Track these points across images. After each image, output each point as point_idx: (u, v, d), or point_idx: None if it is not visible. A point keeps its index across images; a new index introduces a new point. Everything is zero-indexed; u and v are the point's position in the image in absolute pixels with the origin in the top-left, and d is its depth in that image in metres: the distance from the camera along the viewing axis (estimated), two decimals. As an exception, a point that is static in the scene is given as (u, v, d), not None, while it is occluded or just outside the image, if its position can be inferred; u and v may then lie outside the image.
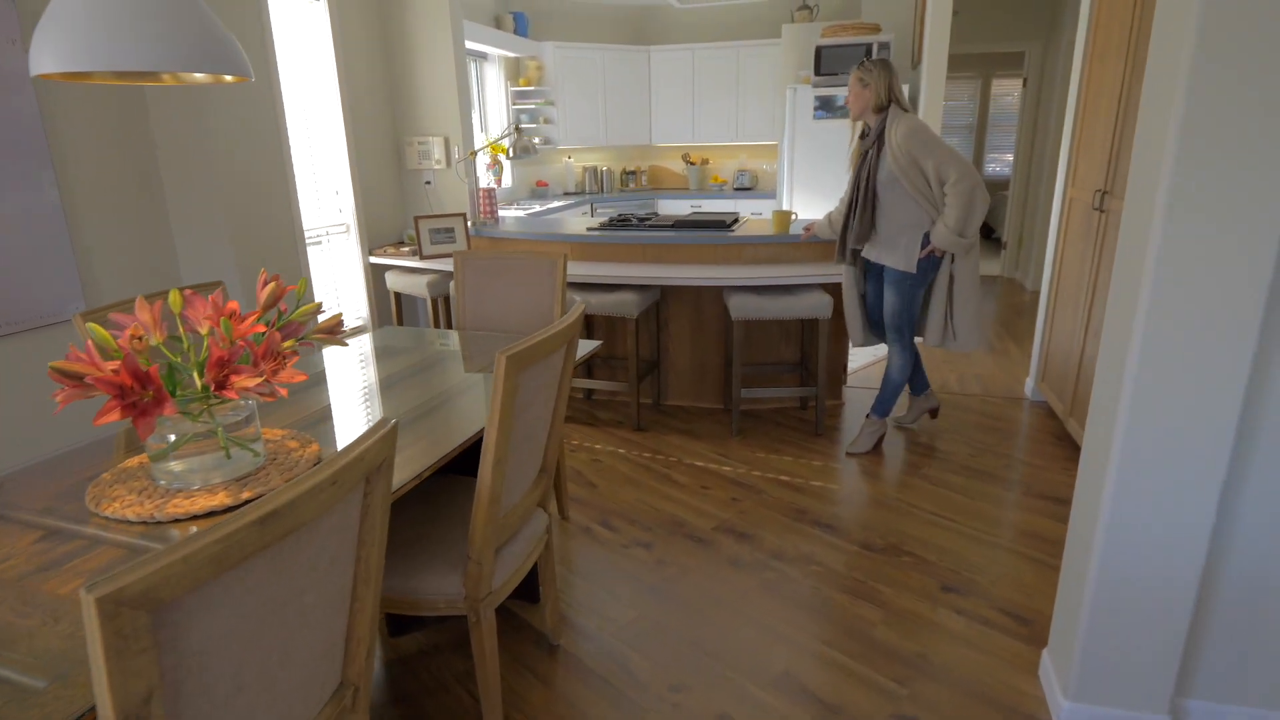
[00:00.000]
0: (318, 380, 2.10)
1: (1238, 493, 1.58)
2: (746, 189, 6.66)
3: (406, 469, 1.52)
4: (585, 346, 2.37)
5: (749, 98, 6.37)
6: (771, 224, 3.75)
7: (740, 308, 3.27)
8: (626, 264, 3.73)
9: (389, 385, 2.05)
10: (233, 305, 1.39)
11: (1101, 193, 3.02)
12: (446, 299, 4.07)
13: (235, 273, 3.39)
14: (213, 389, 1.29)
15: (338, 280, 4.20)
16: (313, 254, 3.97)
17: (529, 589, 2.26)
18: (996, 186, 8.55)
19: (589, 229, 3.94)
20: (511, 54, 5.96)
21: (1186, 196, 1.40)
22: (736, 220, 4.00)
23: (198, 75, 1.47)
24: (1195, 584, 1.63)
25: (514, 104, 6.18)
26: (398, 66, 4.36)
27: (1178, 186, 1.40)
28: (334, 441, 1.67)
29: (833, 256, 3.66)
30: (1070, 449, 3.24)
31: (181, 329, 1.45)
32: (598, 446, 3.43)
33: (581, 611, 2.23)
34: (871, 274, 3.22)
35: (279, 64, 3.51)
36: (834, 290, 3.70)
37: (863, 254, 3.17)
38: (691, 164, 6.90)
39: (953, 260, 3.01)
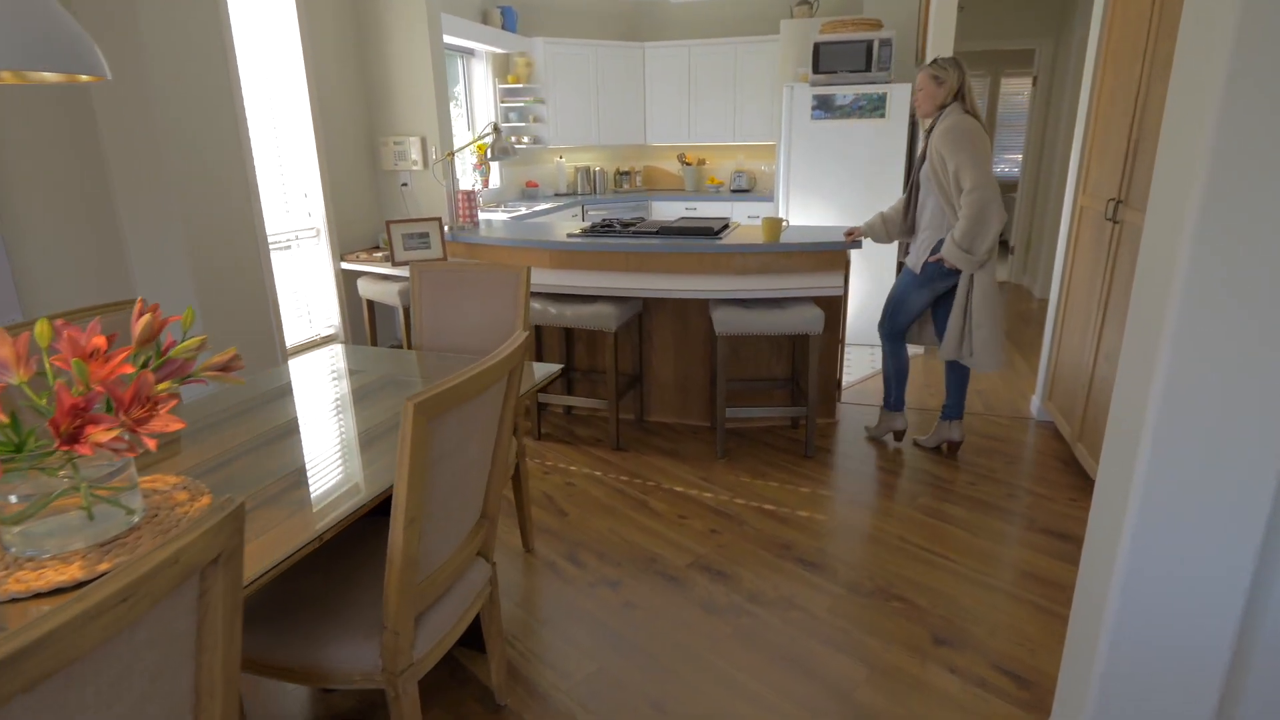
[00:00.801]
0: (263, 402, 1.90)
1: None
2: (744, 190, 6.42)
3: (320, 521, 1.32)
4: (546, 369, 2.17)
5: (746, 96, 6.14)
6: (762, 232, 3.53)
7: (725, 322, 3.06)
8: (607, 273, 3.52)
9: (322, 416, 1.85)
10: (97, 341, 1.19)
11: (1115, 202, 2.80)
12: (420, 307, 3.87)
13: (190, 280, 3.19)
14: (58, 444, 1.09)
15: (307, 287, 4.00)
16: (280, 259, 3.78)
17: (477, 637, 2.06)
18: (1005, 188, 8.27)
19: (569, 235, 3.73)
20: (500, 50, 5.75)
21: (1221, 207, 1.18)
22: (725, 227, 3.78)
23: (47, 75, 1.28)
24: (1228, 650, 1.40)
25: (502, 102, 5.97)
26: (372, 62, 4.15)
27: (1212, 195, 1.18)
28: (251, 483, 1.46)
29: (825, 268, 3.48)
30: (1078, 477, 3.02)
31: (48, 366, 1.26)
32: (573, 468, 3.22)
33: (535, 663, 2.02)
34: None
35: (239, 57, 3.31)
36: (826, 304, 3.48)
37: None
38: (687, 164, 6.67)
39: (970, 276, 2.89)
